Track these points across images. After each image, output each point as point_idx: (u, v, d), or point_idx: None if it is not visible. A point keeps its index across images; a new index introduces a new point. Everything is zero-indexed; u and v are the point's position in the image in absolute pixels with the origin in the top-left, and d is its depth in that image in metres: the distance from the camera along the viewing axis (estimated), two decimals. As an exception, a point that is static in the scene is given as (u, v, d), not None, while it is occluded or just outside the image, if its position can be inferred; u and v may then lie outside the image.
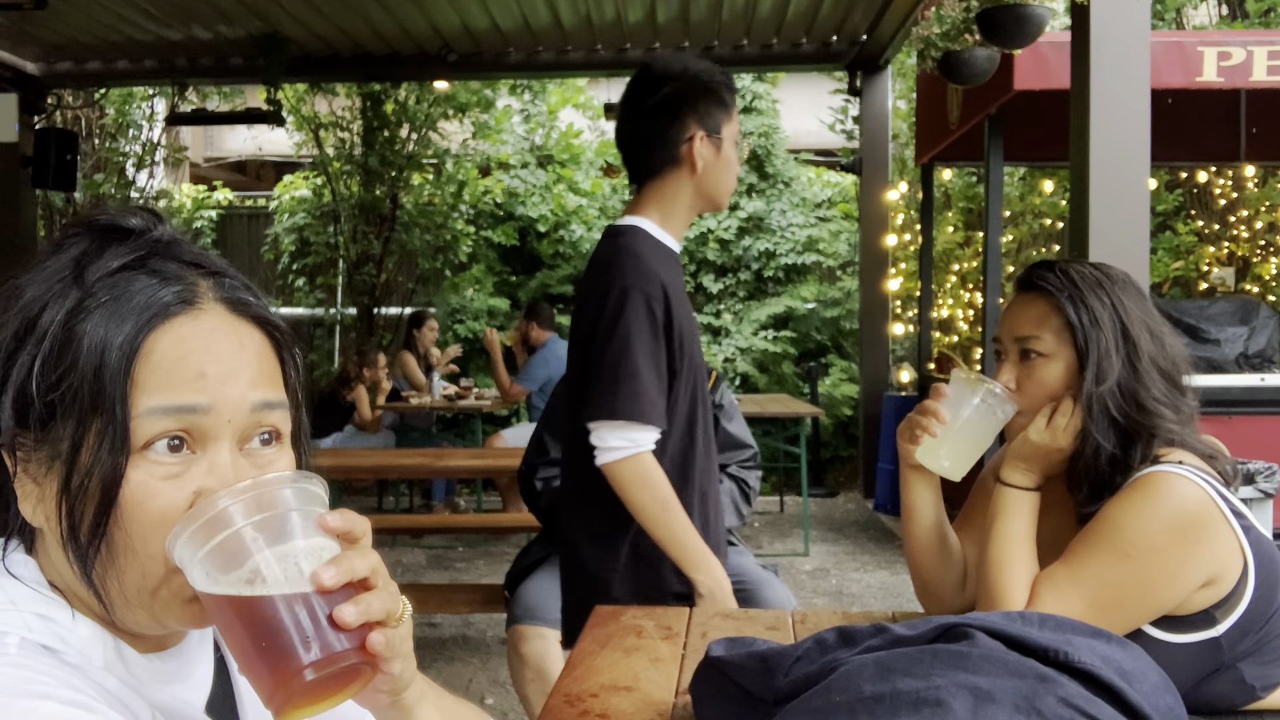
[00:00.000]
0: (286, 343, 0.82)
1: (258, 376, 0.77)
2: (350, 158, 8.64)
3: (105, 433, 0.71)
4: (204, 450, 0.74)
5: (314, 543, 0.70)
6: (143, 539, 0.72)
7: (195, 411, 0.73)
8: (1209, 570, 1.31)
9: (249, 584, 0.67)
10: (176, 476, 0.73)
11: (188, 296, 0.76)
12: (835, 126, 8.24)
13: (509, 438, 6.21)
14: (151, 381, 0.73)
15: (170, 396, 0.73)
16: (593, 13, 6.56)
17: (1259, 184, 7.53)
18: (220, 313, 0.77)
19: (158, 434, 0.72)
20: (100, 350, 0.72)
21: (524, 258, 9.32)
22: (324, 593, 0.68)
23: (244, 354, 0.77)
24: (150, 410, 0.72)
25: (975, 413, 1.47)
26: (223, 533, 0.68)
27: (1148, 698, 0.94)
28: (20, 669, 0.67)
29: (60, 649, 0.71)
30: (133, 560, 0.72)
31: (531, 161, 9.42)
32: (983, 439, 1.50)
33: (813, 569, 5.65)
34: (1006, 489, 1.46)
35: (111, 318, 0.73)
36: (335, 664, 0.68)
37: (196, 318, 0.76)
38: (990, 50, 4.36)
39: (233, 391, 0.75)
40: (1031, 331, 1.46)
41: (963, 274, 7.82)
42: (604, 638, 1.60)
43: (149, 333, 0.73)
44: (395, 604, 0.73)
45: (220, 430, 0.74)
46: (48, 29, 6.73)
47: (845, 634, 1.08)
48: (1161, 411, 1.40)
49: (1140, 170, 3.73)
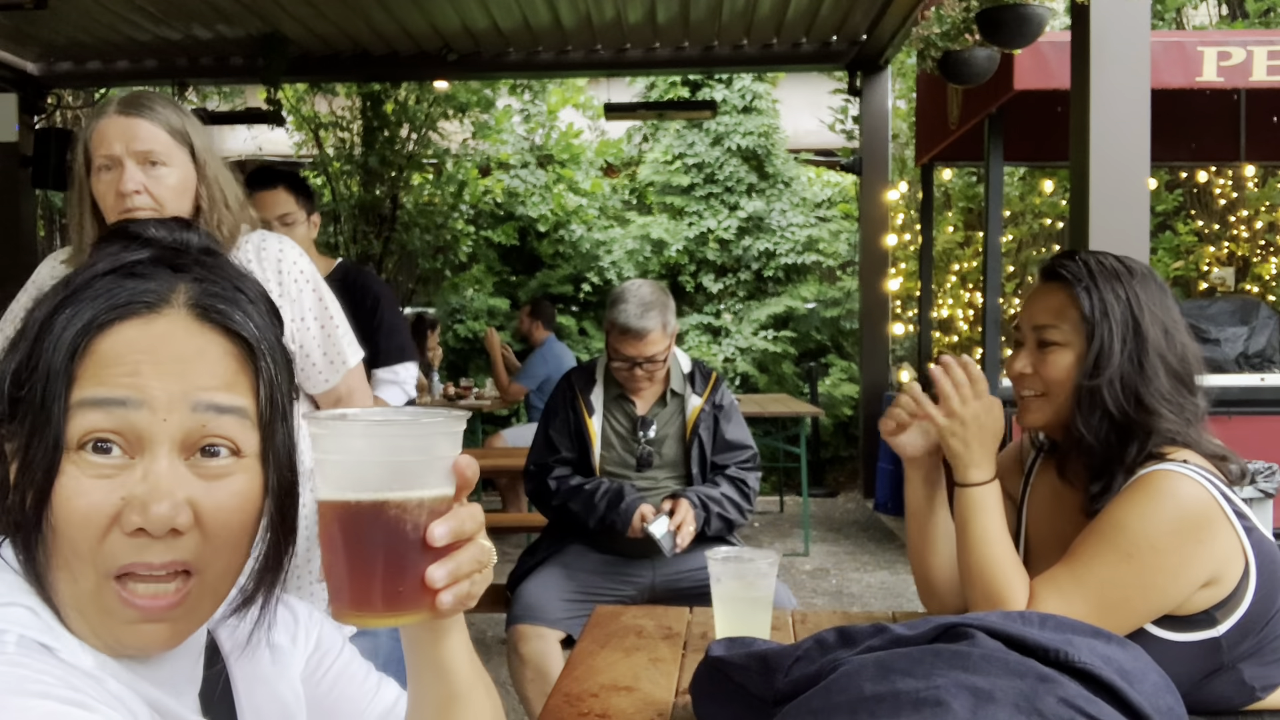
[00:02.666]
0: (266, 357, 0.78)
1: (209, 379, 0.74)
2: (350, 158, 8.64)
3: (44, 429, 0.71)
4: (140, 455, 0.72)
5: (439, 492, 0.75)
6: (69, 539, 0.71)
7: (124, 406, 0.71)
8: (1211, 570, 1.30)
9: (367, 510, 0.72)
10: (107, 478, 0.71)
11: (151, 300, 0.74)
12: (835, 126, 8.24)
13: (509, 438, 6.21)
14: (86, 376, 0.72)
15: (98, 390, 0.71)
16: (593, 13, 6.56)
17: (1259, 184, 7.53)
18: (183, 318, 0.75)
19: (88, 430, 0.71)
20: (55, 348, 0.72)
21: (524, 258, 9.32)
22: (429, 547, 0.73)
23: (198, 359, 0.74)
24: (79, 403, 0.71)
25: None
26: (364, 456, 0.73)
27: (1148, 698, 0.94)
28: (19, 667, 0.66)
29: (55, 646, 0.71)
30: (64, 560, 0.71)
31: (531, 161, 9.43)
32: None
33: (813, 569, 5.65)
34: (965, 490, 1.46)
35: (73, 319, 0.73)
36: (407, 608, 0.74)
37: (151, 321, 0.74)
38: (990, 50, 4.36)
39: (170, 389, 0.72)
40: (1049, 320, 1.47)
41: (963, 274, 7.82)
42: (604, 638, 1.60)
43: (98, 333, 0.73)
44: (486, 555, 0.77)
45: (156, 431, 0.72)
46: (48, 29, 6.72)
47: (845, 634, 1.08)
48: (1161, 410, 1.39)
49: (1140, 170, 3.73)
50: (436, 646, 0.83)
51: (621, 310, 2.65)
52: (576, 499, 2.67)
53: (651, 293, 2.69)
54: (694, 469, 2.76)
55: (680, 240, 9.23)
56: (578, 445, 2.77)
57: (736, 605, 1.49)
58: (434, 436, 0.75)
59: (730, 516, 2.72)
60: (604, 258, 9.22)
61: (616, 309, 2.66)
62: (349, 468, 0.73)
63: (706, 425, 2.78)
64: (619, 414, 2.80)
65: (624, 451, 2.77)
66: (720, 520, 2.70)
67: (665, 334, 2.68)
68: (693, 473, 2.76)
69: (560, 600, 2.63)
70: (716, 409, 2.80)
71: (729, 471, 2.78)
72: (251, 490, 0.76)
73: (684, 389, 2.81)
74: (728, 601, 1.49)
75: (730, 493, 2.73)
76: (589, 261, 9.23)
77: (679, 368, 2.83)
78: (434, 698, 0.85)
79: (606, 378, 2.81)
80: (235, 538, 0.76)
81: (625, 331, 2.64)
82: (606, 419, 2.79)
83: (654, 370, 2.70)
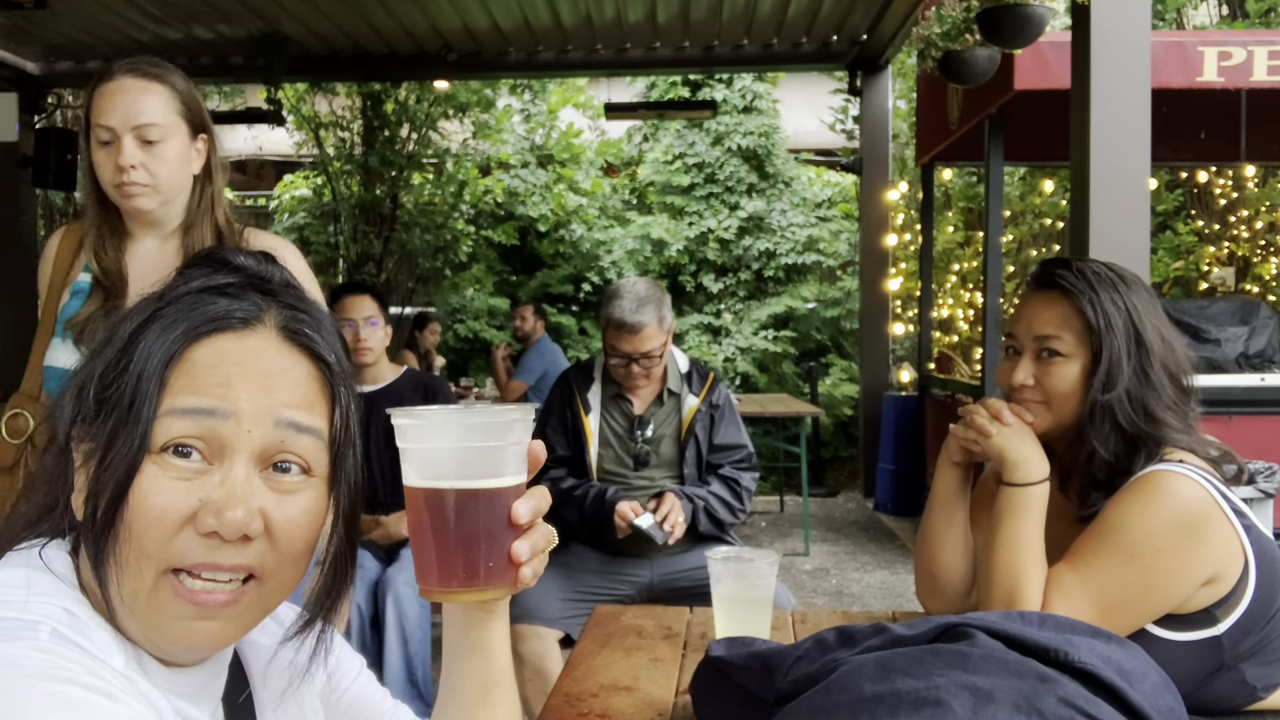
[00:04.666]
0: (342, 383, 0.81)
1: (292, 397, 0.78)
2: (350, 157, 8.64)
3: (130, 429, 0.73)
4: (220, 463, 0.75)
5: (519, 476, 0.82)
6: (140, 535, 0.73)
7: (213, 415, 0.74)
8: (1210, 569, 1.30)
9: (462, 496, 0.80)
10: (186, 480, 0.74)
11: (245, 316, 0.78)
12: (835, 126, 8.24)
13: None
14: (179, 385, 0.75)
15: (190, 399, 0.74)
16: (593, 13, 6.56)
17: (1259, 184, 7.52)
18: (272, 337, 0.79)
19: (175, 435, 0.74)
20: (148, 355, 0.75)
21: (524, 257, 9.32)
22: (513, 525, 0.80)
23: (284, 376, 0.78)
24: (170, 410, 0.74)
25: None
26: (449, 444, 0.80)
27: (1148, 698, 0.94)
28: (49, 654, 0.68)
29: (86, 645, 0.72)
30: (130, 558, 0.73)
31: (532, 161, 9.43)
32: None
33: (813, 569, 5.65)
34: (1007, 489, 1.42)
35: (168, 327, 0.76)
36: (495, 582, 0.81)
37: (244, 336, 0.77)
38: (990, 50, 4.36)
39: (257, 403, 0.76)
40: (1053, 331, 1.44)
41: (963, 274, 7.82)
42: (604, 638, 1.60)
43: (192, 343, 0.76)
44: (551, 534, 0.84)
45: (238, 442, 0.75)
46: (48, 29, 6.72)
47: (845, 634, 1.08)
48: (1170, 420, 1.38)
49: (1140, 170, 3.73)
50: (489, 629, 0.89)
51: (617, 306, 2.65)
52: (569, 505, 2.68)
53: (647, 289, 2.69)
54: (689, 469, 2.76)
55: (680, 240, 9.23)
56: (574, 444, 2.77)
57: (736, 605, 1.49)
58: (513, 425, 0.82)
59: (720, 516, 2.70)
60: (604, 257, 9.22)
61: (612, 305, 2.66)
62: (441, 457, 0.80)
63: (703, 425, 2.77)
64: (616, 413, 2.79)
65: (621, 451, 2.77)
66: (709, 519, 2.69)
67: (661, 329, 2.67)
68: (687, 472, 2.76)
69: (559, 600, 2.62)
70: (713, 409, 2.79)
71: (722, 471, 2.77)
72: (319, 509, 0.79)
73: (681, 388, 2.81)
74: (728, 601, 1.49)
75: (721, 491, 2.72)
76: (589, 261, 9.23)
77: (676, 367, 2.83)
78: (475, 683, 0.90)
79: (605, 376, 2.81)
80: (299, 552, 0.78)
81: (621, 326, 2.64)
82: (604, 418, 2.79)
83: (650, 367, 2.70)
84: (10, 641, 0.67)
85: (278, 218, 9.44)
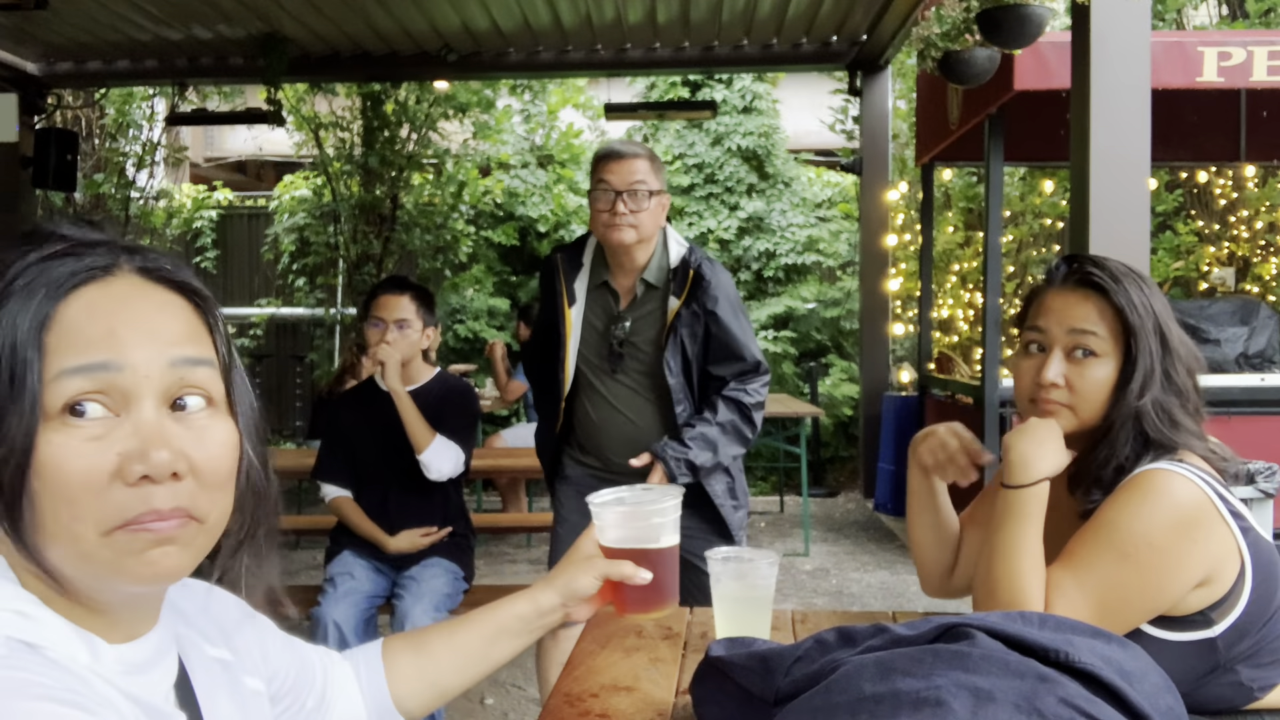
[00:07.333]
0: (210, 308, 0.82)
1: (177, 335, 0.78)
2: (350, 158, 8.64)
3: (18, 401, 0.72)
4: (126, 412, 0.74)
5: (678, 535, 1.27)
6: (68, 501, 0.72)
7: (107, 369, 0.74)
8: (1205, 569, 1.30)
9: (659, 552, 1.24)
10: (99, 439, 0.73)
11: (100, 265, 0.77)
12: (835, 126, 8.24)
13: (509, 438, 6.21)
14: (62, 345, 0.74)
15: (80, 356, 0.74)
16: (593, 13, 6.56)
17: (1259, 184, 7.52)
18: (135, 280, 0.78)
19: (72, 394, 0.73)
20: (14, 326, 0.73)
21: (524, 258, 9.31)
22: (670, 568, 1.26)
23: (161, 314, 0.78)
24: (60, 372, 0.73)
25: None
26: (643, 522, 1.23)
27: (1148, 698, 0.94)
28: (16, 670, 0.67)
29: (41, 645, 0.71)
30: (60, 525, 0.73)
31: (531, 161, 9.42)
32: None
33: (813, 569, 5.65)
34: (1009, 491, 1.39)
35: (27, 296, 0.74)
36: (670, 605, 1.26)
37: (108, 285, 0.77)
38: (990, 50, 4.36)
39: (147, 348, 0.76)
40: (1091, 327, 1.39)
41: (963, 274, 7.82)
42: (604, 638, 1.60)
43: (58, 301, 0.75)
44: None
45: (139, 388, 0.75)
46: (48, 29, 6.73)
47: (845, 634, 1.08)
48: (1189, 425, 1.36)
49: (1140, 170, 3.74)
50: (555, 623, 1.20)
51: (608, 144, 2.59)
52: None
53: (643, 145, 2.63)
54: (674, 379, 2.54)
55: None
56: (553, 337, 2.63)
57: (736, 605, 1.49)
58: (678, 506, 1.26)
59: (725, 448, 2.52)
60: (604, 258, 9.20)
61: (604, 147, 2.60)
62: (647, 533, 1.23)
63: (690, 330, 2.54)
64: (598, 307, 2.62)
65: (596, 354, 2.61)
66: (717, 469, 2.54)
67: (652, 170, 2.54)
68: (673, 383, 2.54)
69: None
70: (706, 314, 2.54)
71: (726, 391, 2.56)
72: (231, 436, 0.80)
73: (663, 284, 2.59)
74: (728, 601, 1.49)
75: (724, 416, 2.52)
76: (589, 261, 9.21)
77: (665, 256, 2.61)
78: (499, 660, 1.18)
79: (594, 259, 2.64)
80: (225, 482, 0.79)
81: (609, 155, 2.53)
82: (587, 310, 2.62)
83: (637, 209, 2.50)
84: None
85: (278, 218, 9.43)
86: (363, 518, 3.06)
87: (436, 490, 3.04)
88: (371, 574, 3.02)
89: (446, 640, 1.15)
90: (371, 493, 3.08)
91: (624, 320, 2.59)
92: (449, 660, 1.14)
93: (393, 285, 3.04)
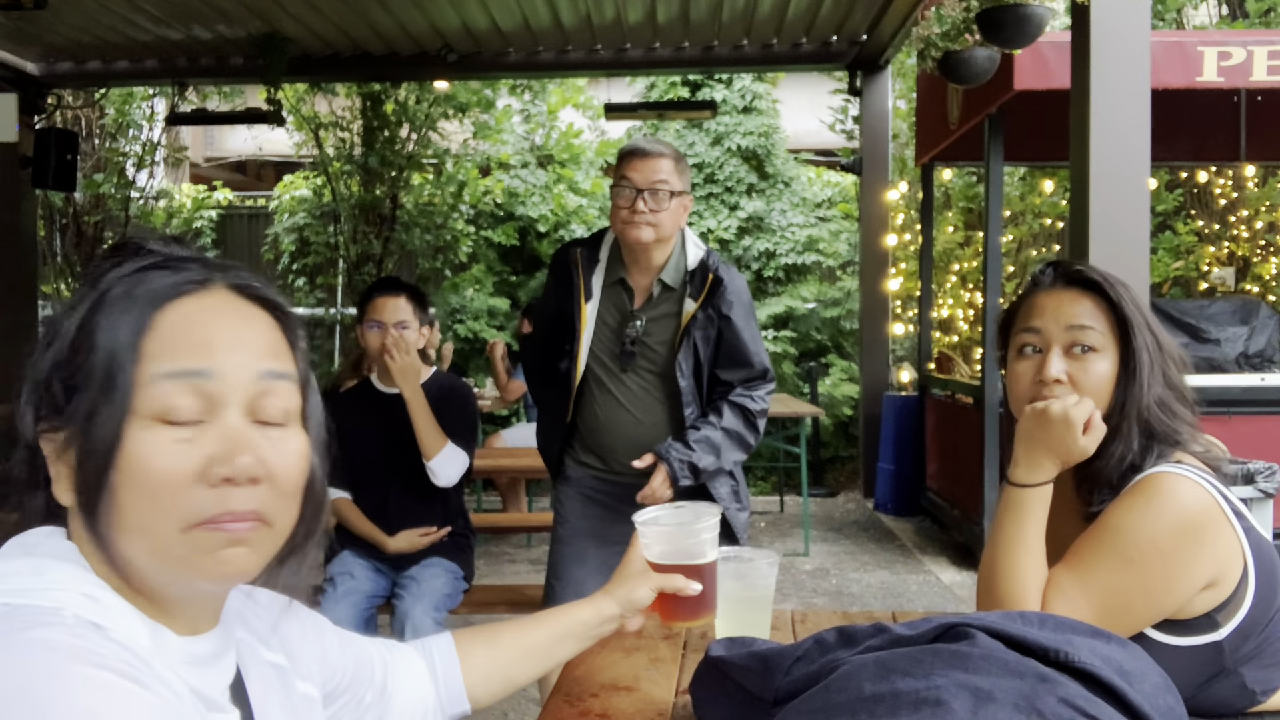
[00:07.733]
0: (293, 325, 0.87)
1: (264, 348, 0.83)
2: (350, 158, 8.64)
3: (111, 399, 0.76)
4: (213, 417, 0.79)
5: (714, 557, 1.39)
6: (150, 499, 0.75)
7: (200, 376, 0.78)
8: (1211, 572, 1.29)
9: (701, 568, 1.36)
10: (187, 441, 0.77)
11: (196, 279, 0.82)
12: (835, 126, 8.24)
13: (508, 438, 6.21)
14: (159, 351, 0.78)
15: (176, 362, 0.78)
16: (593, 13, 6.56)
17: (1259, 184, 7.52)
18: (227, 295, 0.83)
19: (166, 398, 0.77)
20: (113, 331, 0.77)
21: (524, 258, 9.31)
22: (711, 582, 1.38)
23: (250, 328, 0.83)
24: (157, 375, 0.77)
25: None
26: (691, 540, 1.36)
27: (1148, 698, 0.94)
28: (79, 639, 0.70)
29: (108, 627, 0.74)
30: (139, 519, 0.76)
31: (531, 161, 9.42)
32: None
33: (813, 569, 5.65)
34: (1016, 489, 1.39)
35: (125, 305, 0.78)
36: (710, 615, 1.40)
37: (203, 298, 0.82)
38: (990, 50, 4.36)
39: (238, 358, 0.80)
40: (1089, 322, 1.40)
41: (963, 274, 7.82)
42: (604, 638, 1.60)
43: (156, 310, 0.79)
44: None
45: (227, 396, 0.79)
46: (48, 29, 6.73)
47: (845, 634, 1.08)
48: (1188, 416, 1.38)
49: (1140, 170, 3.74)
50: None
51: (634, 141, 2.58)
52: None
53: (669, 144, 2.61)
54: (684, 381, 2.55)
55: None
56: (568, 332, 2.62)
57: (736, 605, 1.49)
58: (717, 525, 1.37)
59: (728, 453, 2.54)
60: (604, 258, 9.20)
61: (630, 143, 2.58)
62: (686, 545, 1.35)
63: (703, 334, 2.55)
64: (612, 304, 2.61)
65: (608, 352, 2.61)
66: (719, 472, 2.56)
67: (676, 170, 2.52)
68: (683, 385, 2.55)
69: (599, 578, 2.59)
70: (720, 318, 2.55)
71: (732, 396, 2.57)
72: (304, 447, 0.85)
73: (680, 285, 2.59)
74: (728, 601, 1.49)
75: (729, 423, 2.53)
76: (589, 262, 9.21)
77: (683, 258, 2.60)
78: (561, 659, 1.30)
79: (611, 256, 2.63)
80: (295, 490, 0.84)
81: (633, 152, 2.52)
82: (601, 307, 2.61)
83: (656, 209, 2.48)
84: (38, 627, 0.70)
85: (278, 218, 9.43)
86: (362, 519, 3.05)
87: (436, 490, 3.04)
88: (371, 574, 3.02)
89: (517, 636, 1.26)
90: (370, 493, 3.08)
91: (638, 319, 2.58)
92: (520, 654, 1.25)
93: (388, 287, 3.03)
